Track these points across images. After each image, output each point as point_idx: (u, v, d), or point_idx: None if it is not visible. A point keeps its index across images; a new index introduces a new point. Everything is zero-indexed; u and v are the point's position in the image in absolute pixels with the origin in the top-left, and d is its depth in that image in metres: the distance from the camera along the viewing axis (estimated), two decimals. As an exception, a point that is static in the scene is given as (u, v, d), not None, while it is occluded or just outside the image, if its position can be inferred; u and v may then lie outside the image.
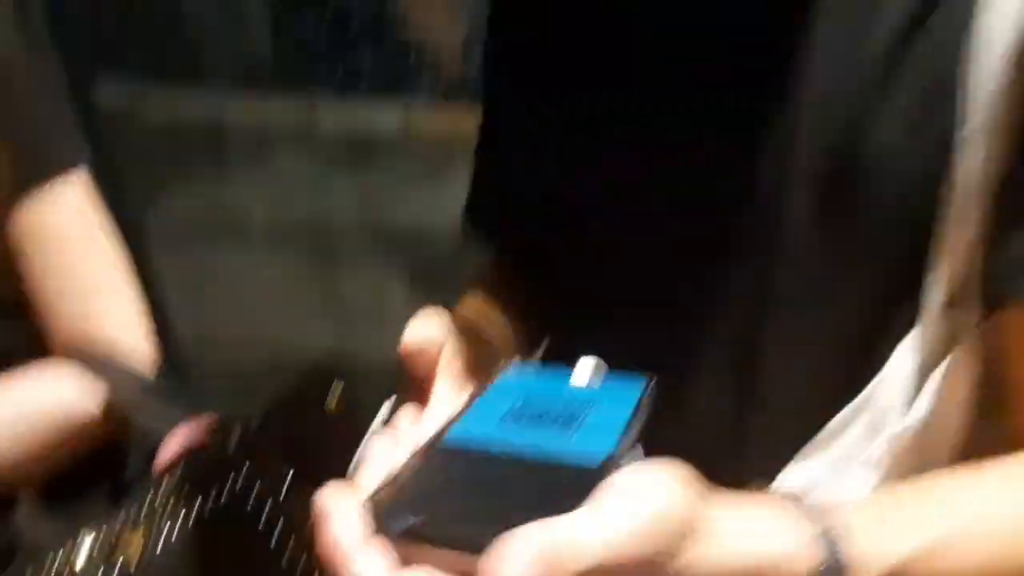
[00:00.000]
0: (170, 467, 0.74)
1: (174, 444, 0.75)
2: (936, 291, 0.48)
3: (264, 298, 2.02)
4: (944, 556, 0.40)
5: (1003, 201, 0.46)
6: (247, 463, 0.76)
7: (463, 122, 0.80)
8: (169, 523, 0.75)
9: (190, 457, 0.76)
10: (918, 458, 0.48)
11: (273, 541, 0.73)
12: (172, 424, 0.76)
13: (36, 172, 0.77)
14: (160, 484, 0.75)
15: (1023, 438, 0.46)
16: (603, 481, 0.33)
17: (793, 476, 0.51)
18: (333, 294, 2.05)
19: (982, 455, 0.45)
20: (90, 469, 0.80)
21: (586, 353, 0.46)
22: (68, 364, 0.78)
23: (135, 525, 0.75)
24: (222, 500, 0.77)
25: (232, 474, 0.76)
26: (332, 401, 0.73)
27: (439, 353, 0.45)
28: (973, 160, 0.46)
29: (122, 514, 0.75)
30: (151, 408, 0.78)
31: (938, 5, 0.47)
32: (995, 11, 0.45)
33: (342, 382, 0.74)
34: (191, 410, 0.77)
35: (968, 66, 0.46)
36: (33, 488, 0.77)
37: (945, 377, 0.48)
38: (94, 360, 0.79)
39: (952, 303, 0.49)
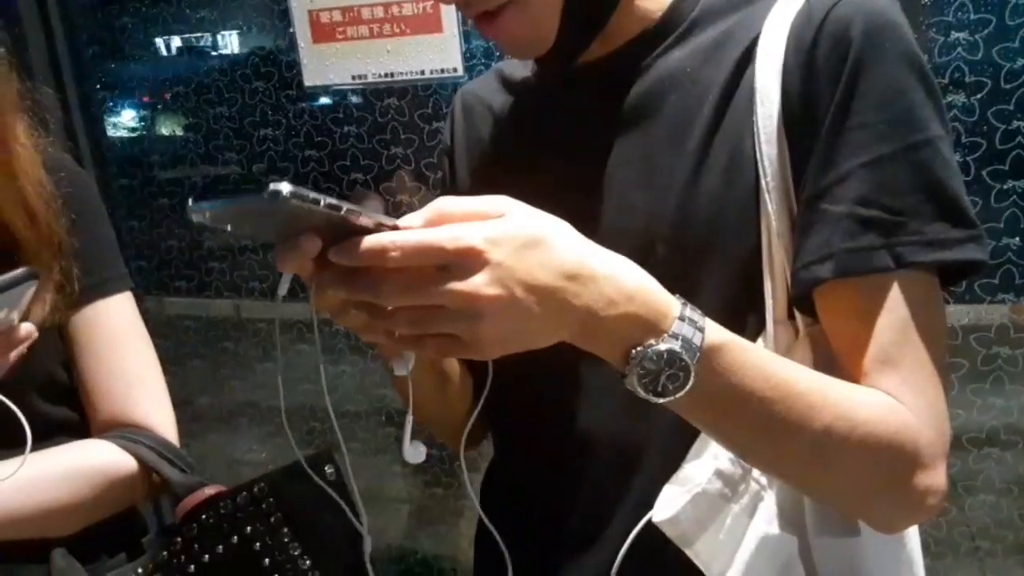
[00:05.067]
0: (186, 521, 0.91)
1: (190, 504, 0.93)
2: (770, 306, 0.69)
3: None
4: (764, 381, 0.60)
5: (798, 225, 0.68)
6: (250, 523, 0.91)
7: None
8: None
9: (203, 515, 0.91)
10: None
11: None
12: (192, 486, 0.95)
13: (98, 287, 1.00)
14: (171, 544, 0.92)
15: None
16: None
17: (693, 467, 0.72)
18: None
19: None
20: (112, 530, 0.98)
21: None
22: (109, 436, 0.97)
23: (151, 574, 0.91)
24: (227, 555, 0.91)
25: (237, 532, 0.91)
26: (326, 473, 0.83)
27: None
28: (774, 203, 0.68)
29: (139, 568, 0.92)
30: (176, 471, 0.96)
31: (731, 100, 0.70)
32: (763, 100, 0.68)
33: (334, 464, 0.86)
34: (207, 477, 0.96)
35: (757, 135, 0.68)
36: (65, 541, 0.93)
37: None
38: (132, 431, 0.98)
39: (788, 316, 0.70)
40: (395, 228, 0.54)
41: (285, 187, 0.47)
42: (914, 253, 0.64)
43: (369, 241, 0.53)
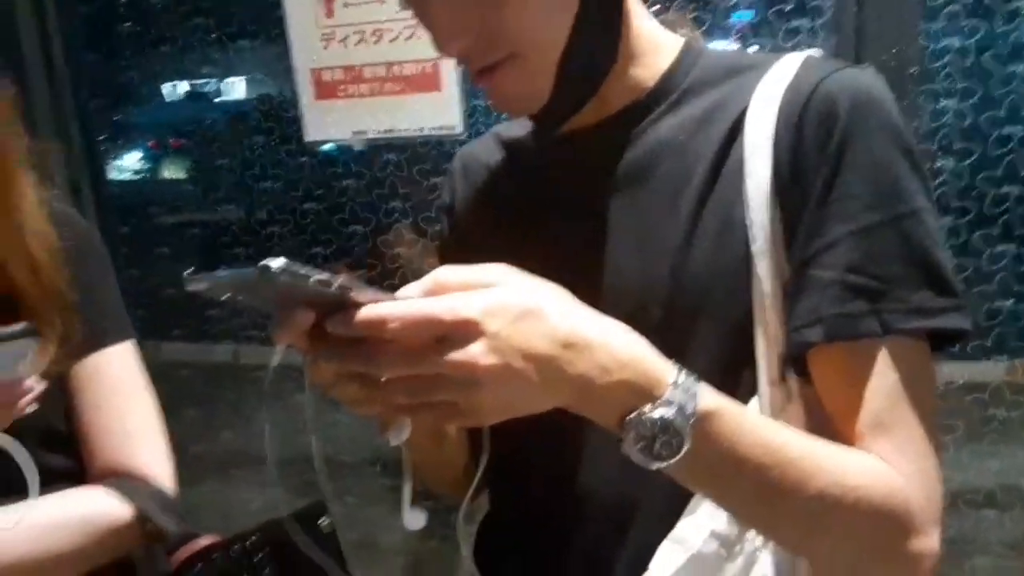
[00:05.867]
0: (179, 572, 0.91)
1: (184, 554, 0.93)
2: (764, 367, 0.70)
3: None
4: (754, 444, 0.60)
5: (790, 289, 0.69)
6: (242, 575, 0.91)
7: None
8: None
9: (196, 566, 0.91)
10: None
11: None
12: (186, 536, 0.97)
13: (100, 338, 1.00)
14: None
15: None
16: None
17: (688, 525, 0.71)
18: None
19: None
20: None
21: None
22: (106, 485, 0.96)
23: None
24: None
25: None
26: (320, 526, 0.83)
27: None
28: (765, 266, 0.69)
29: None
30: (172, 520, 0.96)
31: (721, 170, 0.72)
32: (753, 170, 0.70)
33: (328, 517, 0.85)
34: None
35: (746, 203, 0.70)
36: None
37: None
38: (129, 480, 0.98)
39: (780, 378, 0.70)
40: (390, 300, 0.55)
41: (276, 263, 0.48)
42: (899, 320, 0.65)
43: (368, 312, 0.53)
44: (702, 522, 0.71)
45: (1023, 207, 1.55)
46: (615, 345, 0.59)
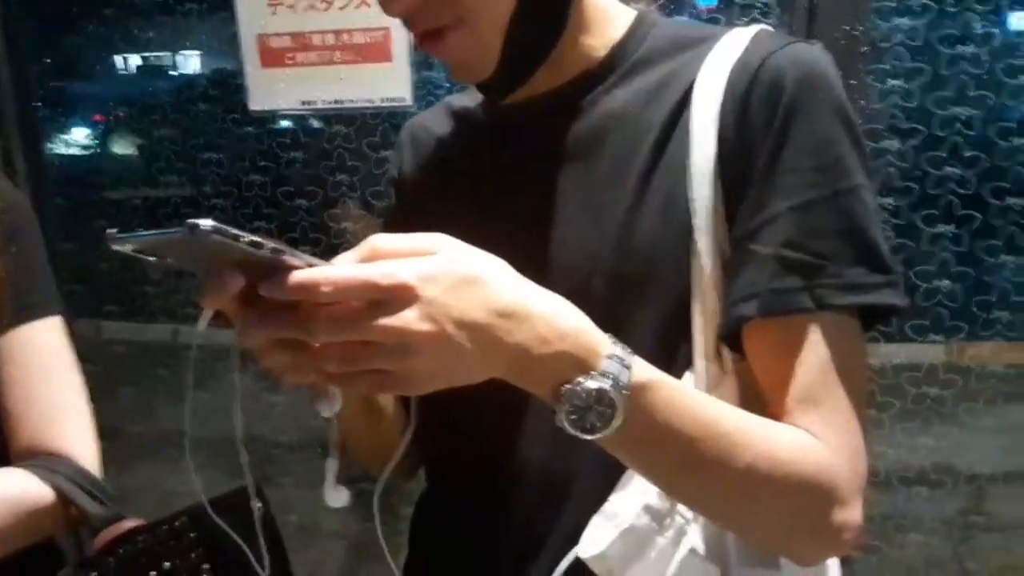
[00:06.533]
0: (103, 555, 0.88)
1: (107, 536, 0.90)
2: (700, 342, 0.70)
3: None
4: (688, 415, 0.61)
5: (731, 262, 0.69)
6: (169, 558, 0.89)
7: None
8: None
9: (120, 549, 0.88)
10: None
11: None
12: (110, 518, 0.92)
13: (26, 311, 0.97)
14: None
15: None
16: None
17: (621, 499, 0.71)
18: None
19: None
20: (27, 562, 0.92)
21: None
22: (28, 465, 0.93)
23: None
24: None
25: (155, 567, 0.88)
26: (254, 510, 0.79)
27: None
28: (704, 243, 0.69)
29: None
30: (96, 503, 0.93)
31: (668, 142, 0.72)
32: (699, 143, 0.70)
33: (260, 503, 0.80)
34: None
35: (691, 179, 0.70)
36: None
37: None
38: (52, 461, 0.94)
39: (716, 353, 0.71)
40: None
41: (205, 223, 0.46)
42: (832, 296, 0.66)
43: (300, 275, 0.52)
44: (634, 496, 0.71)
45: (964, 189, 1.57)
46: (553, 316, 0.58)
